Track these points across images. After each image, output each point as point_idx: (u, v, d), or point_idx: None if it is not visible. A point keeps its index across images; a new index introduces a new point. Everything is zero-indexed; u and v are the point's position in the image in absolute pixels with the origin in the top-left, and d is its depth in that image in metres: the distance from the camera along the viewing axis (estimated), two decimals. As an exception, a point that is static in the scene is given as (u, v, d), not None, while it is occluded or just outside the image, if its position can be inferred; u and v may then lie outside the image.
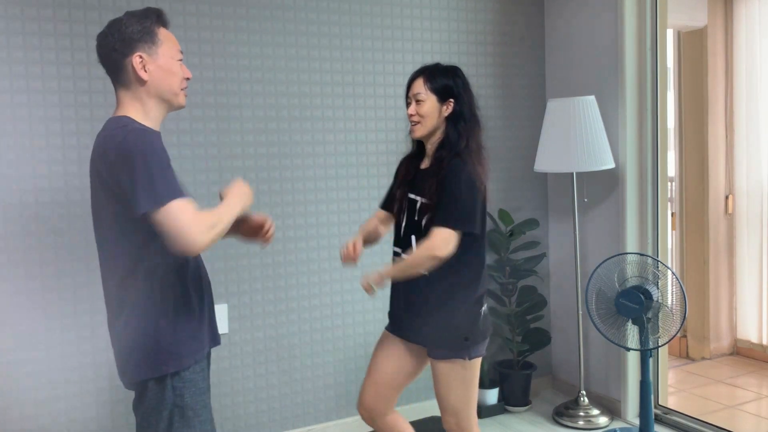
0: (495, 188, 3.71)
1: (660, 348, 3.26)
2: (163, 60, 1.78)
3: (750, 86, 4.36)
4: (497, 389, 3.61)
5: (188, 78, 1.86)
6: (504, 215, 3.61)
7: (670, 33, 4.48)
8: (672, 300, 2.89)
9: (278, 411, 3.26)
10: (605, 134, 3.37)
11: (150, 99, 1.78)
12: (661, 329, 2.90)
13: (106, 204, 1.72)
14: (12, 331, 2.72)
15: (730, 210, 4.49)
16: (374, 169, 3.41)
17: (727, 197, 4.49)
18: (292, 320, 3.27)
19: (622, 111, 3.40)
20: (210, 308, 1.88)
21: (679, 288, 2.86)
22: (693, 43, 4.49)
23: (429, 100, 2.23)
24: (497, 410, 3.60)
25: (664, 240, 3.48)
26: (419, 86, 2.25)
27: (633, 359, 3.43)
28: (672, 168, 4.39)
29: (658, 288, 2.90)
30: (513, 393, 3.63)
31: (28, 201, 2.73)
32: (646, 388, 3.00)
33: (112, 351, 1.84)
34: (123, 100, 1.79)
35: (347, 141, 3.35)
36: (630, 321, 2.93)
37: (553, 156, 3.40)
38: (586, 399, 3.52)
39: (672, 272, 2.91)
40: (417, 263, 2.16)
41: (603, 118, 3.41)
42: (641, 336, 2.92)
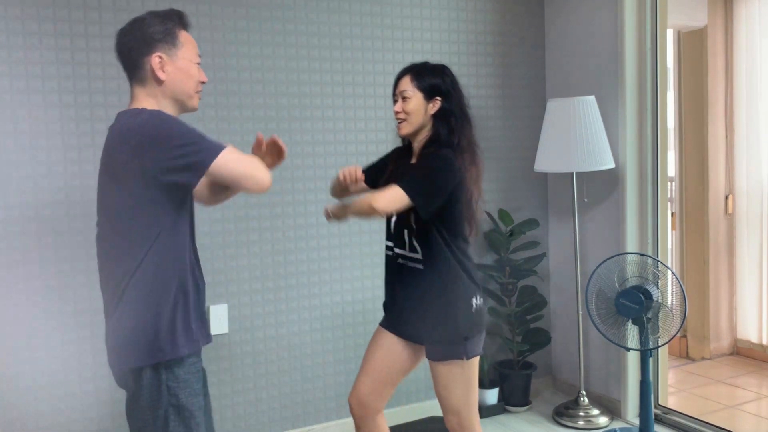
0: (495, 188, 3.71)
1: (660, 348, 3.26)
2: (182, 62, 1.81)
3: (750, 86, 4.36)
4: (497, 389, 3.61)
5: (203, 82, 1.88)
6: (504, 215, 3.62)
7: (670, 33, 4.48)
8: (672, 300, 2.89)
9: (278, 411, 3.26)
10: (605, 134, 3.37)
11: (165, 99, 1.82)
12: (661, 329, 2.90)
13: (119, 195, 1.74)
14: (12, 331, 2.72)
15: (730, 210, 4.49)
16: (374, 169, 3.41)
17: (727, 197, 4.49)
18: (292, 320, 3.27)
19: (622, 111, 3.40)
20: (203, 305, 1.91)
21: (679, 288, 2.86)
22: (693, 43, 4.49)
23: (415, 98, 2.24)
24: (497, 410, 3.60)
25: (664, 240, 3.48)
26: (406, 84, 2.27)
27: (633, 359, 3.43)
28: (672, 168, 4.38)
29: (658, 288, 2.90)
30: (513, 393, 3.63)
31: (28, 201, 2.73)
32: (646, 388, 3.00)
33: (105, 343, 1.85)
34: (138, 96, 1.82)
35: (347, 141, 3.35)
36: (630, 321, 2.93)
37: (553, 156, 3.40)
38: (586, 399, 3.52)
39: (672, 272, 2.91)
40: (359, 208, 2.15)
41: (603, 118, 3.41)
42: (641, 336, 2.92)
